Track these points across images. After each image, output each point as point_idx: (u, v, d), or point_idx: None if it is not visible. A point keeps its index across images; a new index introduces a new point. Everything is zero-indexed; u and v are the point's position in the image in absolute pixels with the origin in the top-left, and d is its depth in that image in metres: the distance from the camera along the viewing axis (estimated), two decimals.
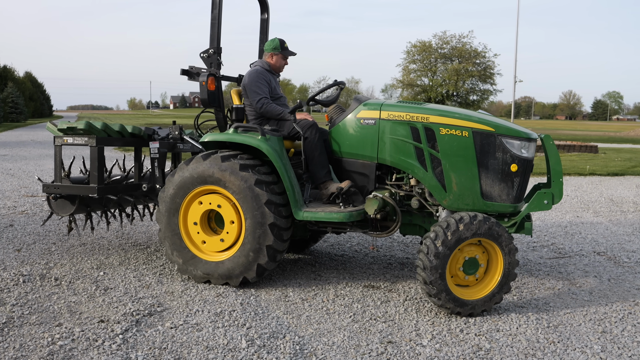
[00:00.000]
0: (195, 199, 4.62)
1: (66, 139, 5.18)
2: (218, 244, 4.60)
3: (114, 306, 4.11)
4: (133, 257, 5.45)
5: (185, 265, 4.65)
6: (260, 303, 4.26)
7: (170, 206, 4.65)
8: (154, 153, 5.27)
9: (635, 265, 5.60)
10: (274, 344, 3.53)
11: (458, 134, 4.28)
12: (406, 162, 4.42)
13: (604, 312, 4.24)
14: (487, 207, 4.33)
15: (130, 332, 3.64)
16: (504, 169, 4.27)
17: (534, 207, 4.34)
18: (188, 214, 4.66)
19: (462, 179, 4.30)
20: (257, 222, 4.38)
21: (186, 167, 4.60)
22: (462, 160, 4.29)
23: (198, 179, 4.53)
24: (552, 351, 3.54)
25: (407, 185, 4.57)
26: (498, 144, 4.26)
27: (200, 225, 4.64)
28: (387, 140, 4.46)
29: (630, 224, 7.73)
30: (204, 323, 3.83)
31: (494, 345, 3.60)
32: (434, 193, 4.38)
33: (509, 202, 4.33)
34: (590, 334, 3.83)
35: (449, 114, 4.39)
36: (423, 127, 4.35)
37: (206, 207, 4.59)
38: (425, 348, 3.53)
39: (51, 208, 5.35)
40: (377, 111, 4.50)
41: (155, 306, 4.12)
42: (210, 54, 4.81)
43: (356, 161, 4.63)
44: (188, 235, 4.68)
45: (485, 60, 56.45)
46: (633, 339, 3.75)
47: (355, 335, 3.71)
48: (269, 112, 4.90)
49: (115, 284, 4.63)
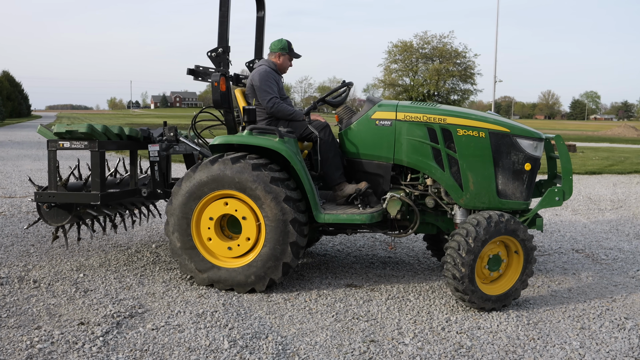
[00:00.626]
0: (208, 206, 4.45)
1: (62, 143, 4.83)
2: (237, 249, 4.45)
3: (94, 308, 4.06)
4: (114, 258, 5.39)
5: (204, 275, 4.46)
6: (243, 303, 4.25)
7: (181, 217, 4.44)
8: (154, 156, 5.05)
9: (613, 262, 5.70)
10: (256, 344, 3.53)
11: (475, 134, 4.42)
12: (423, 163, 4.50)
13: (583, 309, 4.30)
14: (502, 205, 4.48)
15: (110, 334, 3.60)
16: (518, 168, 4.44)
17: (546, 203, 4.49)
18: (201, 223, 4.48)
19: (479, 178, 4.43)
20: (279, 221, 4.28)
21: (194, 174, 4.42)
22: (479, 160, 4.42)
23: (211, 185, 4.36)
24: (532, 348, 3.58)
25: (422, 185, 4.64)
26: (513, 144, 4.43)
27: (216, 232, 4.48)
28: (404, 141, 4.52)
29: (608, 222, 7.86)
30: (186, 324, 3.81)
31: (475, 343, 3.63)
32: (451, 192, 4.48)
33: (522, 199, 4.50)
34: (569, 330, 3.89)
35: (465, 115, 4.52)
36: (440, 128, 4.45)
37: (221, 213, 4.43)
38: (408, 346, 3.55)
39: (42, 217, 4.98)
40: (393, 112, 4.55)
41: (137, 308, 4.09)
42: (219, 53, 4.66)
43: (371, 162, 4.65)
44: (203, 245, 4.50)
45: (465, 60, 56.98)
46: (611, 335, 3.81)
47: (338, 334, 3.72)
48: (280, 112, 4.81)
49: (95, 285, 4.57)
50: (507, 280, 4.29)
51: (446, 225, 4.75)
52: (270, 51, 5.10)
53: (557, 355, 3.48)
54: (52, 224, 4.99)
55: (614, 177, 13.53)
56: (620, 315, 4.18)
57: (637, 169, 14.96)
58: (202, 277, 4.48)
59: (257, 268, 4.36)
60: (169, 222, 4.51)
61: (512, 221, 4.13)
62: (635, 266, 5.57)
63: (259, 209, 4.32)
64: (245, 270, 4.39)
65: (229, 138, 4.51)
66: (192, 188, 4.41)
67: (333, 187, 4.73)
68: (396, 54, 58.65)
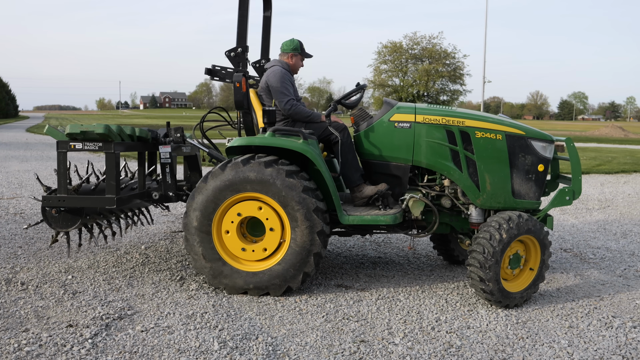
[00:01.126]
0: (230, 208, 4.37)
1: (74, 145, 4.56)
2: (259, 253, 4.40)
3: (82, 310, 4.03)
4: (102, 260, 5.35)
5: (220, 278, 4.39)
6: (233, 304, 4.24)
7: (202, 219, 4.34)
8: (165, 158, 4.89)
9: (600, 262, 5.75)
10: (246, 346, 3.52)
11: (492, 137, 4.56)
12: (442, 164, 4.59)
13: (571, 308, 4.34)
14: (517, 205, 4.63)
15: (99, 337, 3.58)
16: (531, 169, 4.62)
17: (557, 203, 4.65)
18: (222, 225, 4.39)
19: (496, 179, 4.56)
20: (306, 230, 4.25)
21: (218, 175, 4.31)
22: (496, 162, 4.56)
23: (235, 187, 4.28)
24: (521, 347, 3.60)
25: (439, 186, 4.72)
26: (527, 146, 4.60)
27: (237, 234, 4.42)
28: (423, 143, 4.59)
29: (595, 222, 7.93)
30: (176, 326, 3.79)
31: (465, 342, 3.65)
32: (468, 193, 4.58)
33: (535, 199, 4.68)
34: (558, 329, 3.92)
35: (483, 118, 4.65)
36: (459, 131, 4.56)
37: (244, 216, 4.37)
38: (398, 346, 3.56)
39: (48, 222, 4.68)
40: (412, 115, 4.62)
41: (126, 309, 4.06)
42: (238, 53, 4.62)
43: (389, 163, 4.70)
44: (223, 247, 4.42)
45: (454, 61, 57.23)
46: (598, 333, 3.85)
47: (328, 335, 3.72)
48: (298, 114, 4.77)
49: (84, 287, 4.54)
50: (526, 276, 4.43)
51: (460, 224, 4.83)
52: (281, 51, 5.05)
53: (545, 354, 3.50)
54: (58, 229, 4.71)
55: (601, 176, 13.65)
56: (607, 313, 4.22)
57: (624, 169, 15.11)
58: (216, 280, 4.40)
59: (277, 273, 4.33)
60: (191, 217, 4.37)
61: (530, 220, 4.29)
62: (622, 265, 5.62)
63: (286, 215, 4.28)
64: (262, 275, 4.35)
65: (251, 139, 4.45)
66: (221, 185, 4.29)
67: (352, 188, 4.74)
68: (386, 55, 58.80)
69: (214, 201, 4.31)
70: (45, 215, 4.68)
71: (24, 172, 11.87)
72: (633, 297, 4.63)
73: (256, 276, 4.35)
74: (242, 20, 4.57)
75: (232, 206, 4.36)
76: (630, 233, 7.17)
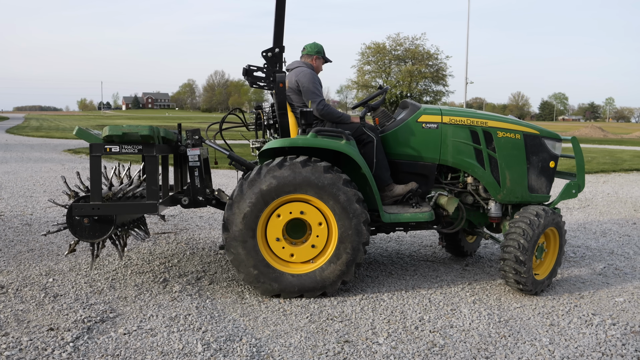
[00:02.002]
0: (275, 211, 4.34)
1: (109, 148, 4.28)
2: (307, 253, 4.41)
3: (64, 313, 3.99)
4: (84, 262, 5.30)
5: (268, 282, 4.34)
6: (216, 306, 4.22)
7: (248, 224, 4.25)
8: (194, 161, 4.68)
9: (581, 260, 5.83)
10: (230, 347, 3.51)
11: (512, 136, 4.91)
12: (466, 162, 4.86)
13: (552, 306, 4.39)
14: (532, 199, 5.02)
15: (81, 340, 3.54)
16: (544, 166, 5.03)
17: (565, 196, 5.11)
18: (268, 229, 4.36)
19: (515, 176, 4.91)
20: (355, 221, 4.32)
21: (261, 178, 4.25)
22: (515, 160, 4.91)
23: (281, 189, 4.25)
24: (503, 345, 3.64)
25: (462, 183, 5.01)
26: (541, 144, 5.01)
27: (283, 237, 4.40)
28: (449, 142, 4.83)
29: (575, 221, 8.04)
30: (159, 328, 3.77)
31: (448, 341, 3.68)
32: (490, 189, 4.91)
33: (546, 193, 5.10)
34: (539, 327, 3.96)
35: (502, 119, 5.02)
36: (482, 131, 4.86)
37: (289, 217, 4.36)
38: (382, 346, 3.58)
39: (76, 232, 4.33)
40: (438, 116, 4.85)
41: (108, 312, 4.02)
42: (276, 53, 4.62)
43: (417, 163, 4.86)
44: (269, 252, 4.40)
45: (437, 62, 57.49)
46: (579, 331, 3.90)
47: (312, 335, 3.73)
48: (330, 115, 4.83)
49: (65, 290, 4.49)
50: (548, 263, 4.81)
51: (478, 219, 5.15)
52: (304, 53, 5.14)
53: (527, 352, 3.54)
54: (85, 239, 4.36)
55: None
56: (588, 311, 4.28)
57: (604, 169, 15.34)
58: (268, 287, 4.35)
59: (329, 271, 4.37)
60: (234, 222, 4.28)
61: (554, 214, 4.69)
62: (602, 263, 5.71)
63: (331, 212, 4.31)
64: (314, 275, 4.36)
65: (294, 140, 4.45)
66: (267, 188, 4.25)
67: (383, 187, 4.80)
68: (369, 56, 58.89)
69: (260, 205, 4.27)
70: (71, 224, 4.32)
71: (4, 174, 11.69)
72: (612, 294, 4.71)
73: (308, 277, 4.36)
74: (279, 21, 4.60)
75: (277, 209, 4.35)
76: (609, 232, 7.28)
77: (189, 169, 4.70)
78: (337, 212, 4.31)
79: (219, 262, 5.41)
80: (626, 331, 3.91)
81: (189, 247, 5.98)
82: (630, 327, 3.97)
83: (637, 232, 7.33)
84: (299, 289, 4.36)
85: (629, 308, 4.39)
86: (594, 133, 41.76)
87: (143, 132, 4.28)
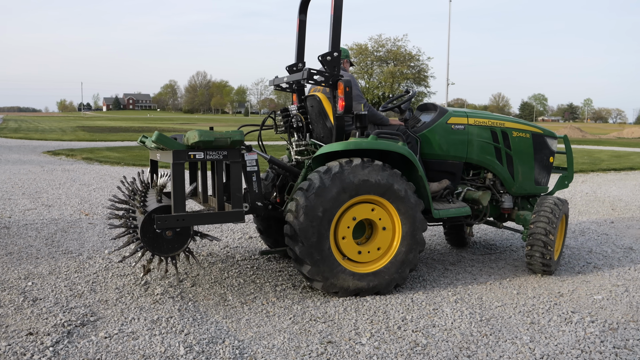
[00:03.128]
0: (345, 213, 4.43)
1: (193, 154, 4.07)
2: (374, 253, 4.55)
3: (43, 317, 3.93)
4: (64, 265, 5.23)
5: (338, 282, 4.39)
6: (199, 308, 4.20)
7: (321, 225, 4.28)
8: (252, 165, 4.53)
9: (560, 259, 5.90)
10: (213, 350, 3.49)
11: (524, 135, 5.52)
12: (488, 160, 5.38)
13: (532, 304, 4.45)
14: (536, 190, 5.67)
15: (61, 344, 3.50)
16: (546, 161, 5.67)
17: (559, 187, 5.93)
18: (338, 230, 4.43)
19: (525, 170, 5.53)
20: (414, 212, 4.55)
21: (335, 180, 4.30)
22: (525, 156, 5.53)
23: (359, 190, 4.35)
24: (485, 344, 3.68)
25: (482, 179, 5.51)
26: (544, 142, 5.65)
27: (352, 238, 4.49)
28: (474, 142, 5.30)
29: None
30: (140, 331, 3.73)
31: (430, 341, 3.70)
32: (505, 183, 5.48)
33: (546, 184, 5.75)
34: (520, 325, 4.01)
35: (515, 120, 5.61)
36: (500, 131, 5.41)
37: (359, 219, 4.47)
38: (365, 346, 3.59)
39: (153, 248, 4.06)
40: (465, 118, 5.30)
41: (88, 316, 3.98)
42: (334, 57, 4.63)
43: (446, 161, 5.23)
44: (339, 251, 4.47)
45: (419, 63, 57.87)
46: (559, 329, 3.96)
47: (295, 336, 3.72)
48: (374, 117, 5.02)
49: (44, 294, 4.43)
50: (557, 246, 5.37)
51: (491, 211, 5.62)
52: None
53: (508, 350, 3.58)
54: (167, 255, 4.13)
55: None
56: (567, 309, 4.34)
57: (582, 169, 15.57)
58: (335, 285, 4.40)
59: (395, 267, 4.55)
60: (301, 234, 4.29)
61: (566, 203, 5.37)
62: (581, 262, 5.79)
63: (397, 212, 4.51)
64: (383, 273, 4.52)
65: (359, 143, 4.53)
66: (339, 190, 4.32)
67: None
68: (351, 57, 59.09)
69: (331, 207, 4.31)
70: (148, 240, 4.03)
71: None
72: (591, 292, 4.78)
73: (377, 275, 4.51)
74: (337, 25, 4.65)
75: (348, 210, 4.43)
76: (588, 231, 7.39)
77: (247, 174, 4.56)
78: (402, 214, 4.53)
79: (201, 264, 5.39)
80: (604, 328, 3.97)
81: None
82: (608, 324, 4.04)
83: (614, 231, 7.46)
84: (374, 286, 4.50)
85: (607, 305, 4.46)
86: (572, 133, 42.34)
87: (235, 138, 4.14)
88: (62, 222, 7.20)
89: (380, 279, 4.51)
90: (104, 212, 7.95)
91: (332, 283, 4.39)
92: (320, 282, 4.37)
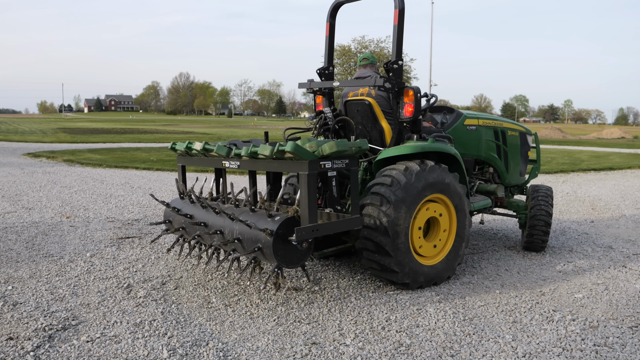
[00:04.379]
0: (420, 210, 4.72)
1: (324, 164, 4.09)
2: (438, 247, 4.93)
3: (23, 322, 3.88)
4: (45, 269, 5.16)
5: (413, 276, 4.64)
6: (182, 311, 4.17)
7: (403, 221, 4.49)
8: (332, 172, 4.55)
9: (542, 258, 5.98)
10: (196, 352, 3.47)
11: (514, 134, 6.38)
12: (492, 156, 6.10)
13: (515, 303, 4.49)
14: (520, 181, 6.60)
15: (42, 349, 3.45)
16: (526, 155, 6.57)
17: (532, 177, 6.81)
18: (414, 226, 4.70)
19: (514, 164, 6.35)
20: (465, 209, 5.00)
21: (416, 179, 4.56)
22: (515, 152, 6.35)
23: (429, 189, 4.66)
24: (468, 343, 3.71)
25: (485, 174, 6.29)
26: (526, 139, 6.55)
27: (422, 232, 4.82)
28: (484, 141, 5.99)
29: None
30: (123, 334, 3.70)
31: (414, 341, 3.72)
32: (502, 176, 6.27)
33: (524, 176, 6.64)
34: (503, 324, 4.05)
35: (508, 120, 6.40)
36: (500, 131, 6.18)
37: (430, 216, 4.81)
38: (349, 347, 3.59)
39: (287, 262, 3.99)
40: (476, 119, 5.98)
41: (70, 319, 3.93)
42: (400, 65, 4.78)
43: (463, 159, 5.45)
44: (414, 247, 4.74)
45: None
46: (540, 327, 4.00)
47: (280, 338, 3.72)
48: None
49: (25, 298, 4.36)
50: None
51: None
52: (368, 63, 5.48)
53: (491, 349, 3.62)
54: (297, 266, 4.10)
55: (541, 176, 14.19)
56: (549, 308, 4.40)
57: (563, 169, 15.76)
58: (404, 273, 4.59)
59: (448, 262, 4.92)
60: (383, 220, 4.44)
61: (551, 189, 6.30)
62: (562, 261, 5.87)
63: (455, 209, 4.91)
64: (440, 266, 4.86)
65: (424, 146, 4.82)
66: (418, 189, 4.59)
67: None
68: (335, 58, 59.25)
69: (414, 202, 4.57)
70: (279, 256, 3.94)
71: None
72: (572, 291, 4.85)
73: (434, 268, 4.81)
74: (400, 36, 4.81)
75: (422, 207, 4.74)
76: (568, 230, 7.49)
77: (328, 179, 4.63)
78: (459, 211, 4.94)
79: (184, 267, 5.35)
80: (585, 326, 4.03)
81: (154, 252, 5.90)
82: (589, 322, 4.10)
83: (595, 230, 7.57)
84: (432, 279, 4.80)
85: (587, 304, 4.52)
86: (553, 134, 42.87)
87: (363, 147, 4.22)
88: (43, 225, 7.11)
89: (437, 270, 4.84)
90: (85, 214, 7.86)
91: (406, 273, 4.60)
92: (398, 272, 4.56)
